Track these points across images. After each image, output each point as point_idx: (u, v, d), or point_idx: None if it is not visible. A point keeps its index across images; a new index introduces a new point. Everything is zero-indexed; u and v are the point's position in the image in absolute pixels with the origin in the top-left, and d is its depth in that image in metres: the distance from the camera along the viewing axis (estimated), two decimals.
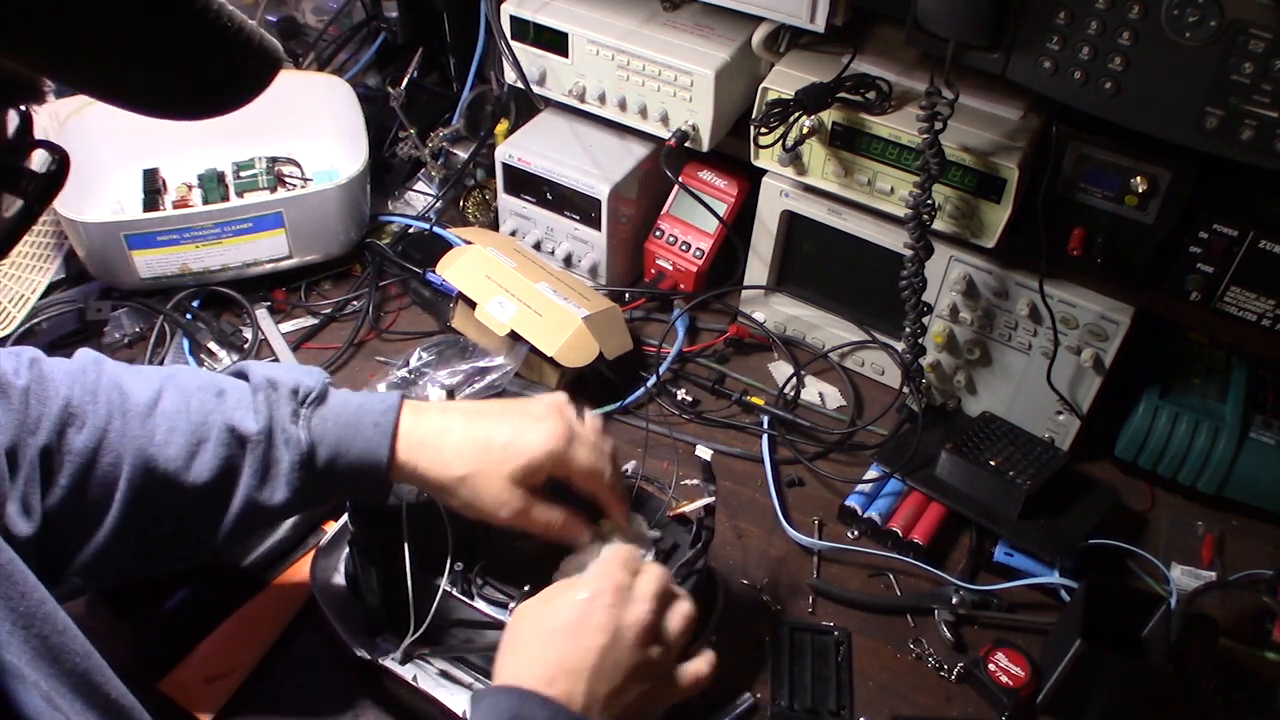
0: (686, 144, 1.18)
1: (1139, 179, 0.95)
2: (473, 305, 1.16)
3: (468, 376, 1.13)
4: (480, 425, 0.81)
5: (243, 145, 1.38)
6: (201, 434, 0.77)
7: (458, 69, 1.45)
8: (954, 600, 0.99)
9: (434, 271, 1.23)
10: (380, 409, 0.80)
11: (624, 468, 0.88)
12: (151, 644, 0.90)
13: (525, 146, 1.26)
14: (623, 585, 0.75)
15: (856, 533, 1.06)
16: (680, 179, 1.27)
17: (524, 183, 1.28)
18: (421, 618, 0.82)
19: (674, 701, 0.77)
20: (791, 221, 1.19)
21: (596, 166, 1.23)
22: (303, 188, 1.34)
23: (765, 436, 1.14)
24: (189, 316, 1.24)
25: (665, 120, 1.18)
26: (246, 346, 1.21)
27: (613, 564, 0.77)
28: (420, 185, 1.43)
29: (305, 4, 1.50)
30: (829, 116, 1.06)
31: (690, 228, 1.29)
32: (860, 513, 1.06)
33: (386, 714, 0.88)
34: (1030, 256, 1.03)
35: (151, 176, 1.36)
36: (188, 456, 0.76)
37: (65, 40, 0.41)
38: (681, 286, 1.30)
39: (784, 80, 1.07)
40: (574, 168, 1.23)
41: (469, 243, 1.23)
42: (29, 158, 0.51)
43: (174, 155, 1.38)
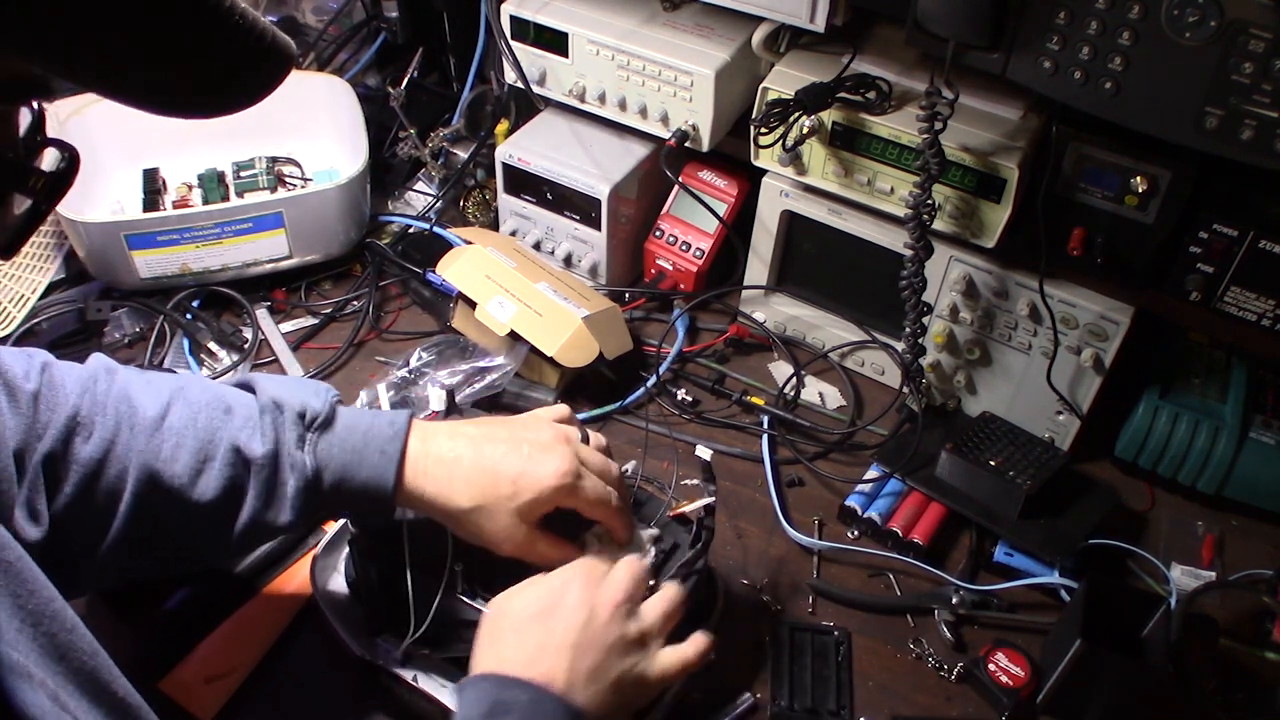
0: (686, 144, 1.18)
1: (1139, 179, 0.95)
2: (473, 305, 1.16)
3: (468, 376, 1.13)
4: (488, 454, 0.80)
5: (243, 145, 1.38)
6: (208, 451, 0.76)
7: (458, 69, 1.45)
8: (954, 600, 0.99)
9: (434, 271, 1.23)
10: (387, 434, 0.79)
11: (624, 468, 0.89)
12: (151, 644, 0.89)
13: (525, 146, 1.26)
14: (596, 569, 0.77)
15: (856, 533, 1.06)
16: (680, 179, 1.27)
17: (524, 183, 1.28)
18: (422, 618, 0.82)
19: (664, 686, 0.78)
20: (791, 221, 1.19)
21: (596, 166, 1.23)
22: (303, 188, 1.34)
23: (765, 436, 1.14)
24: (189, 316, 1.24)
25: (665, 120, 1.18)
26: (246, 347, 1.21)
27: (589, 558, 0.79)
28: (420, 185, 1.43)
29: (305, 4, 1.50)
30: (829, 116, 1.06)
31: (690, 228, 1.29)
32: (860, 513, 1.06)
33: (386, 714, 0.88)
34: (1030, 256, 1.03)
35: (151, 176, 1.36)
36: (194, 474, 0.76)
37: (66, 40, 0.41)
38: (681, 286, 1.30)
39: (784, 80, 1.07)
40: (574, 168, 1.23)
41: (469, 243, 1.23)
42: (40, 156, 0.51)
43: (174, 155, 1.38)
